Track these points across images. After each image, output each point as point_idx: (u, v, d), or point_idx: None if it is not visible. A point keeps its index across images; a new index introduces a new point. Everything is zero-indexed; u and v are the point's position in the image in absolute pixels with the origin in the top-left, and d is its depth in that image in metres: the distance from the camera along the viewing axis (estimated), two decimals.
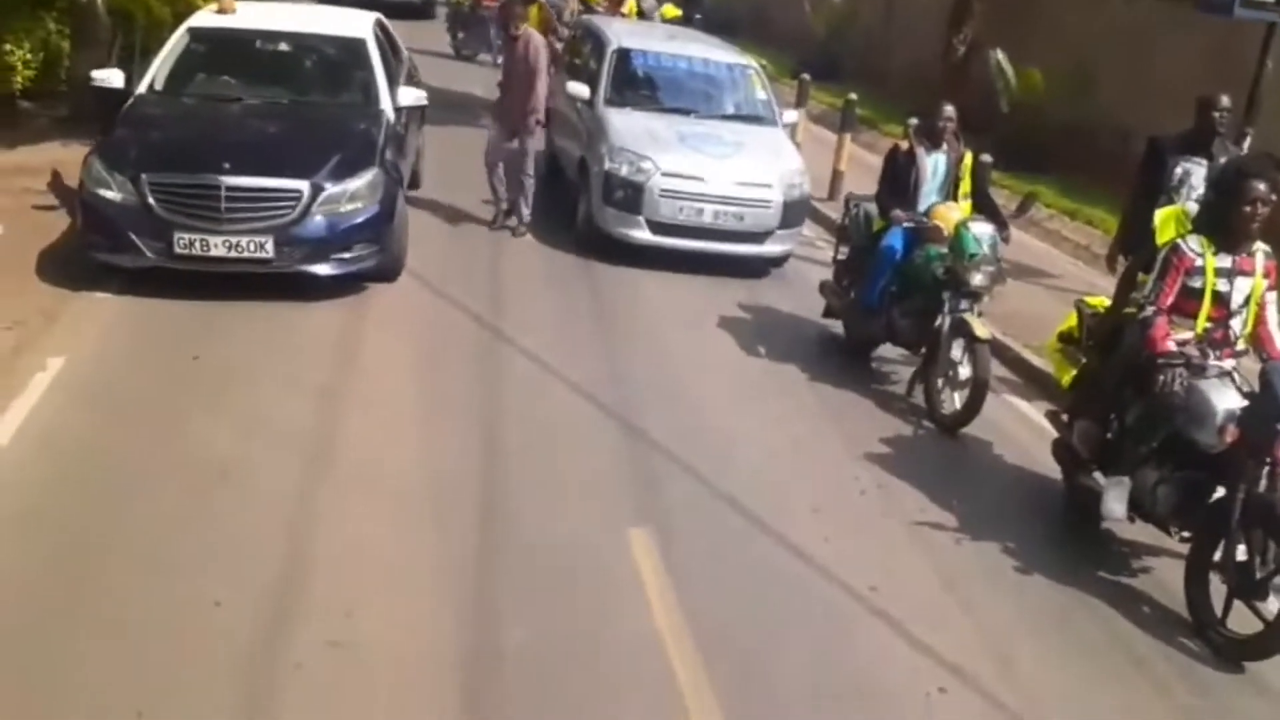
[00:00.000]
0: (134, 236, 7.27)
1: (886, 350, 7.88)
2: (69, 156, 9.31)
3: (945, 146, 7.54)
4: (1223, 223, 5.28)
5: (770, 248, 9.59)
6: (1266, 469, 5.02)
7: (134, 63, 9.14)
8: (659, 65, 10.79)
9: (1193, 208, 5.99)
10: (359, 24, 9.65)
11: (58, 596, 4.49)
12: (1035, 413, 7.23)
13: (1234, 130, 8.08)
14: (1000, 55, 14.20)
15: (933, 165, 7.51)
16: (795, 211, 9.63)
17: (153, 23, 14.03)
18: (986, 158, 10.12)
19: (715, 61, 10.99)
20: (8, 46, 11.06)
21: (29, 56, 11.32)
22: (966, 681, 4.62)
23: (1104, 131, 12.80)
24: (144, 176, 7.31)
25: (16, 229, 8.25)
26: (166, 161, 7.52)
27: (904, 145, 7.66)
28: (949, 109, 7.54)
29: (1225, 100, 7.34)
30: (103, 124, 8.34)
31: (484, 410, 6.50)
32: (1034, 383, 7.78)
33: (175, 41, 8.96)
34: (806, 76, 14.37)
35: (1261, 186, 5.14)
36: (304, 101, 8.87)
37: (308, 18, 10.39)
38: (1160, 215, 5.86)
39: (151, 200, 7.27)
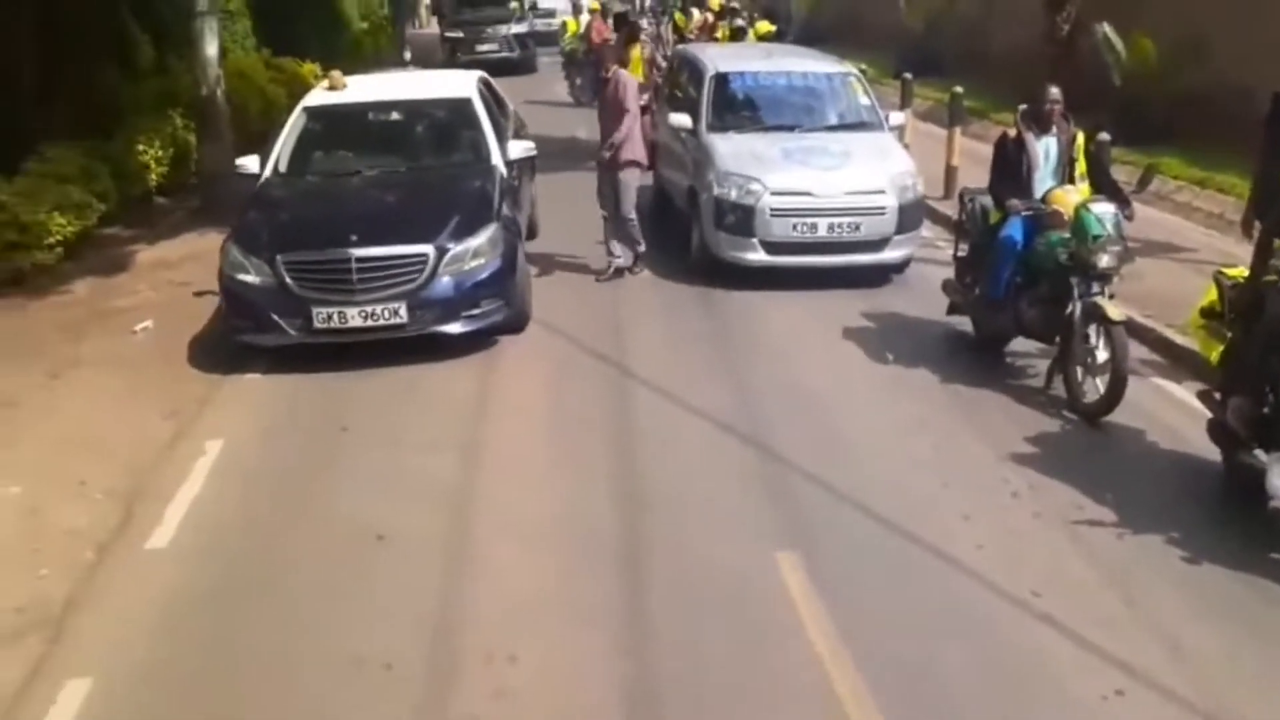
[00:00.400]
0: (275, 316, 7.62)
1: (1018, 343, 7.72)
2: (206, 246, 9.82)
3: (1054, 129, 7.39)
4: None
5: (890, 254, 9.48)
6: None
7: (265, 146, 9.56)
8: (757, 85, 10.83)
9: None
10: (463, 84, 9.97)
11: (237, 669, 4.71)
12: (1186, 394, 6.97)
13: None
14: (1107, 28, 13.79)
15: (1044, 149, 7.37)
16: (911, 214, 9.52)
17: (268, 104, 14.81)
18: (1105, 136, 9.88)
19: (813, 73, 10.97)
20: (140, 147, 11.77)
21: (160, 154, 12.04)
22: (1143, 680, 4.48)
23: (1225, 94, 12.28)
24: (279, 257, 7.66)
25: (165, 320, 8.73)
26: (298, 240, 7.88)
27: (1012, 133, 7.53)
28: (1054, 90, 7.39)
29: None
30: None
31: (621, 448, 6.61)
32: (1181, 363, 7.51)
33: (293, 122, 9.36)
34: (909, 76, 14.23)
35: None
36: (419, 166, 9.19)
37: (413, 84, 10.79)
38: None
39: (288, 279, 7.61)
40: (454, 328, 7.81)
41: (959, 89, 12.43)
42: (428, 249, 7.72)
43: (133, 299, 9.26)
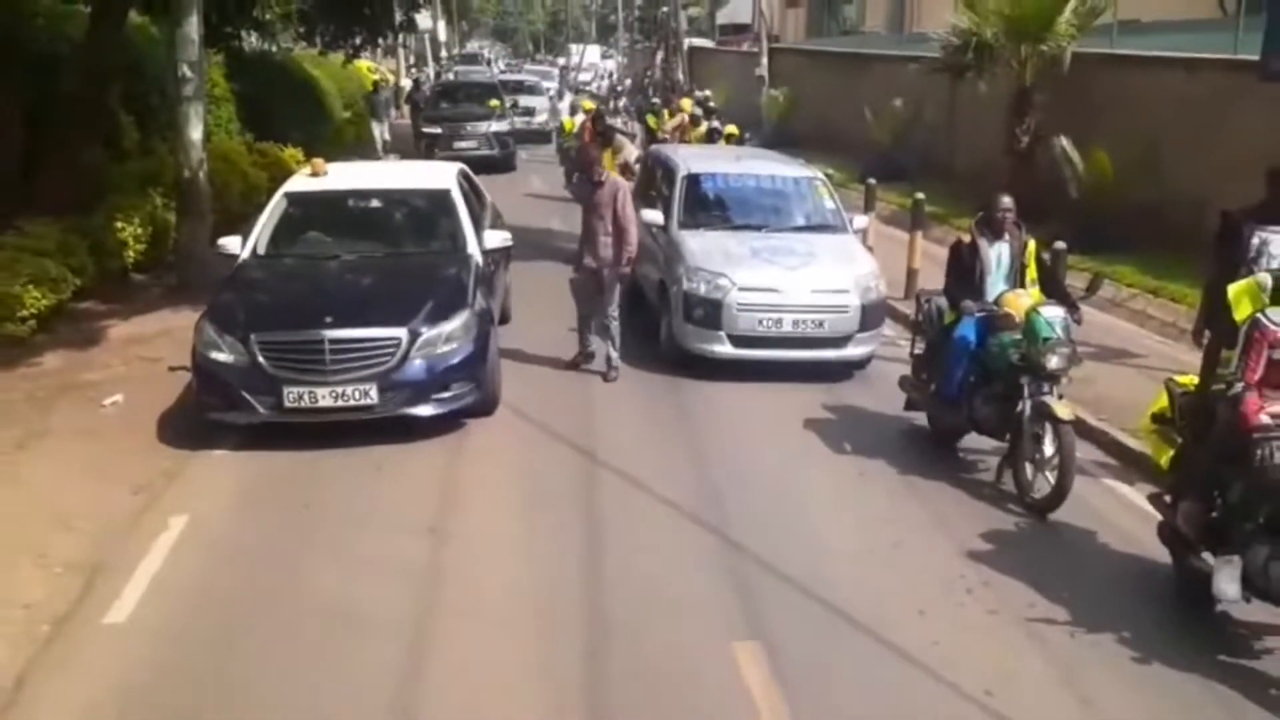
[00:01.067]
0: (246, 395, 7.66)
1: (971, 439, 7.91)
2: (180, 323, 9.88)
3: (1007, 236, 7.68)
4: None
5: (852, 351, 9.71)
6: None
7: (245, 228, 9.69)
8: (728, 186, 11.16)
9: (1265, 278, 5.95)
10: (443, 175, 10.19)
11: None
12: (1137, 496, 7.15)
13: None
14: (1065, 142, 14.28)
15: (996, 255, 7.66)
16: (873, 314, 9.77)
17: (249, 188, 15.01)
18: (1061, 245, 10.22)
19: (781, 176, 11.33)
20: (119, 224, 11.88)
21: (139, 231, 12.15)
22: None
23: (1178, 207, 12.74)
24: (252, 337, 7.73)
25: (135, 395, 8.74)
26: (272, 321, 7.97)
27: (966, 239, 7.82)
28: (1006, 199, 7.70)
29: None
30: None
31: (586, 534, 6.67)
32: (1133, 466, 7.70)
33: (273, 206, 9.52)
34: (873, 181, 14.63)
35: None
36: (396, 252, 9.33)
37: (394, 174, 11.02)
38: (1233, 290, 5.79)
39: (261, 359, 7.67)
40: (424, 410, 7.89)
41: (921, 195, 12.82)
42: (401, 332, 7.83)
43: (104, 373, 9.28)
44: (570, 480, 7.49)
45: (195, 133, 11.76)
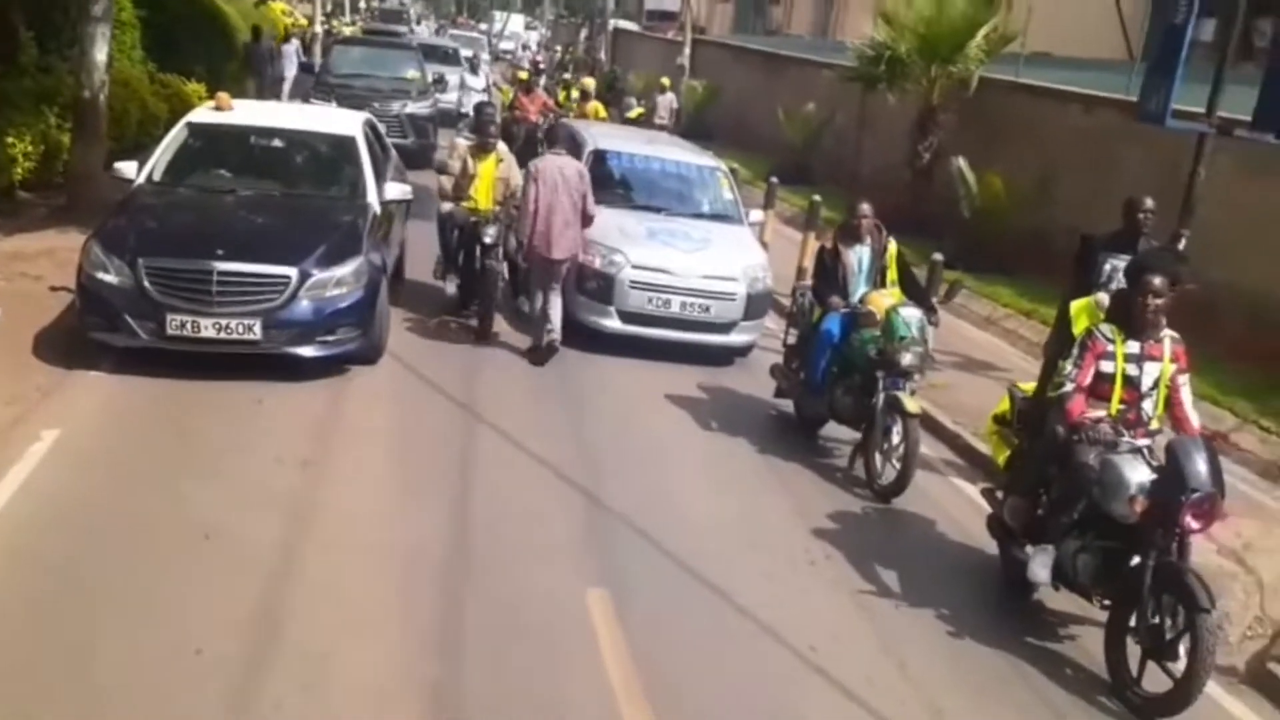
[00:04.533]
0: (128, 318, 7.64)
1: (831, 427, 8.35)
2: (65, 244, 9.77)
3: (867, 240, 8.11)
4: (1129, 312, 5.79)
5: (735, 338, 10.07)
6: (1175, 539, 5.46)
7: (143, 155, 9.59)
8: (633, 166, 11.41)
9: (1103, 298, 6.52)
10: (349, 122, 10.22)
11: (44, 642, 4.81)
12: (977, 494, 7.61)
13: (1161, 231, 8.59)
14: (962, 162, 14.83)
15: (857, 258, 8.10)
16: (758, 304, 10.14)
17: (148, 117, 14.74)
18: (938, 256, 10.76)
19: (686, 163, 11.62)
20: (10, 140, 11.62)
21: (30, 149, 11.88)
22: None
23: (1063, 235, 13.34)
24: (140, 261, 7.72)
25: (14, 312, 8.60)
26: (161, 247, 7.94)
27: (829, 244, 8.23)
28: (864, 206, 8.14)
29: (1149, 202, 7.91)
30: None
31: (455, 481, 6.89)
32: (979, 466, 8.21)
33: (174, 135, 9.46)
34: (774, 180, 15.08)
35: (1156, 281, 5.67)
36: (294, 193, 9.35)
37: (301, 116, 10.97)
38: (1075, 306, 6.42)
39: (146, 283, 7.66)
40: (307, 351, 7.97)
41: (817, 197, 13.31)
42: (290, 271, 7.88)
43: None
44: (447, 430, 7.69)
45: (100, 54, 11.56)
